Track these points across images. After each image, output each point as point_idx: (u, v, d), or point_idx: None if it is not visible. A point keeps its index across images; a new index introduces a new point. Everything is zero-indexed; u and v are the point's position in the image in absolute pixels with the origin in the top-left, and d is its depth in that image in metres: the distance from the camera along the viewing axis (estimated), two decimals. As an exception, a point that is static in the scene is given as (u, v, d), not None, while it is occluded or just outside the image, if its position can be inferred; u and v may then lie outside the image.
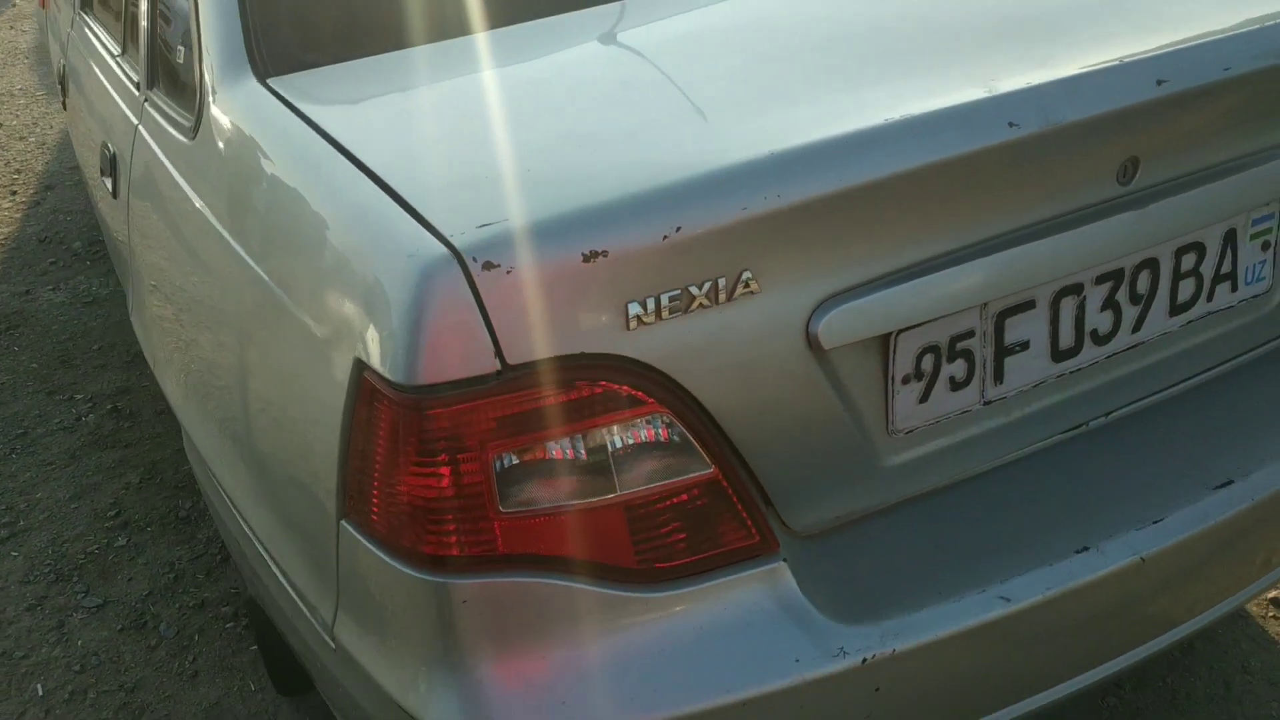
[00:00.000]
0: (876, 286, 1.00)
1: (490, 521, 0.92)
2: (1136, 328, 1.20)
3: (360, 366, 0.92)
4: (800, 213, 0.93)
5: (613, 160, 0.95)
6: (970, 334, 1.09)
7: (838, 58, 1.12)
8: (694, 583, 0.98)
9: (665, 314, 0.92)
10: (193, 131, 1.33)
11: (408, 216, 0.92)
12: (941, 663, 1.03)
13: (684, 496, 0.97)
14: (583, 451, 0.93)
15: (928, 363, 1.07)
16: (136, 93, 1.66)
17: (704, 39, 1.21)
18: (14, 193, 4.29)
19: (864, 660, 0.99)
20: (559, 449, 0.92)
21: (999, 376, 1.13)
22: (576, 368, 0.91)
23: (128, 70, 1.75)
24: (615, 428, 0.93)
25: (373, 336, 0.91)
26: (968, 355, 1.10)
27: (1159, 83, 1.04)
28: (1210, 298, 1.25)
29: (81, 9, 2.31)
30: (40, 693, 1.99)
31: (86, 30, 2.20)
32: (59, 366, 3.06)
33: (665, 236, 0.90)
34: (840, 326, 0.98)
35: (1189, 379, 1.29)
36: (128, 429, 2.74)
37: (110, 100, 1.81)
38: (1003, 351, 1.12)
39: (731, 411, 0.97)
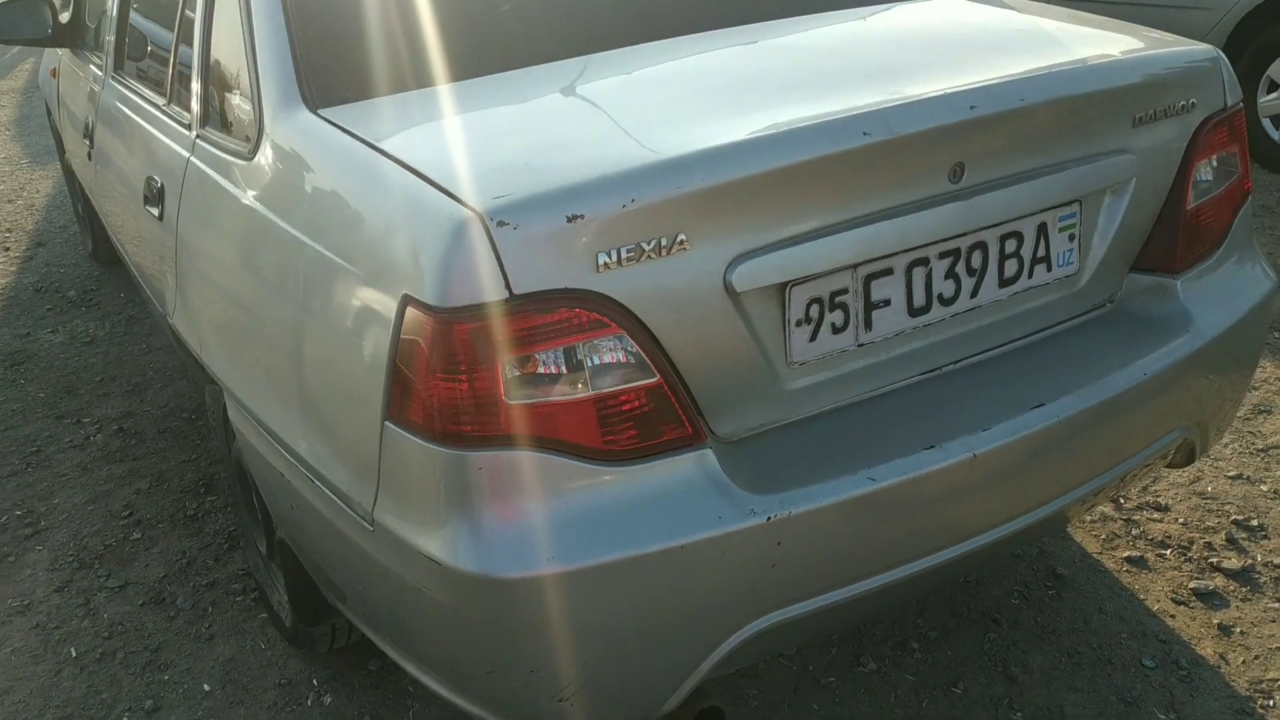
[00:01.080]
0: (773, 249, 1.39)
1: (499, 410, 1.29)
2: (974, 294, 1.60)
3: (406, 300, 1.29)
4: (718, 192, 1.33)
5: (585, 156, 1.34)
6: (845, 290, 1.48)
7: (740, 92, 1.53)
8: (643, 461, 1.34)
9: (624, 262, 1.30)
10: (251, 154, 1.71)
11: (443, 195, 1.30)
12: (827, 525, 1.39)
13: (636, 397, 1.33)
14: (564, 359, 1.30)
15: (814, 311, 1.46)
16: (188, 132, 2.03)
17: (649, 81, 1.62)
18: (6, 249, 4.60)
19: (769, 519, 1.36)
20: (547, 357, 1.29)
21: (869, 325, 1.52)
22: (561, 298, 1.28)
23: (175, 116, 2.12)
24: (587, 343, 1.30)
25: (418, 276, 1.27)
26: (844, 307, 1.49)
27: (971, 107, 1.46)
28: (1030, 275, 1.66)
29: (116, 72, 2.68)
30: (73, 654, 2.28)
31: (121, 89, 2.57)
32: (65, 395, 3.36)
33: (624, 206, 1.29)
34: (747, 276, 1.37)
35: (1019, 339, 1.69)
36: (134, 446, 3.04)
37: (158, 141, 2.18)
38: (870, 306, 1.51)
39: (671, 337, 1.35)
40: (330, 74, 1.69)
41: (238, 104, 1.83)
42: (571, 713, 1.40)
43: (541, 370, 1.30)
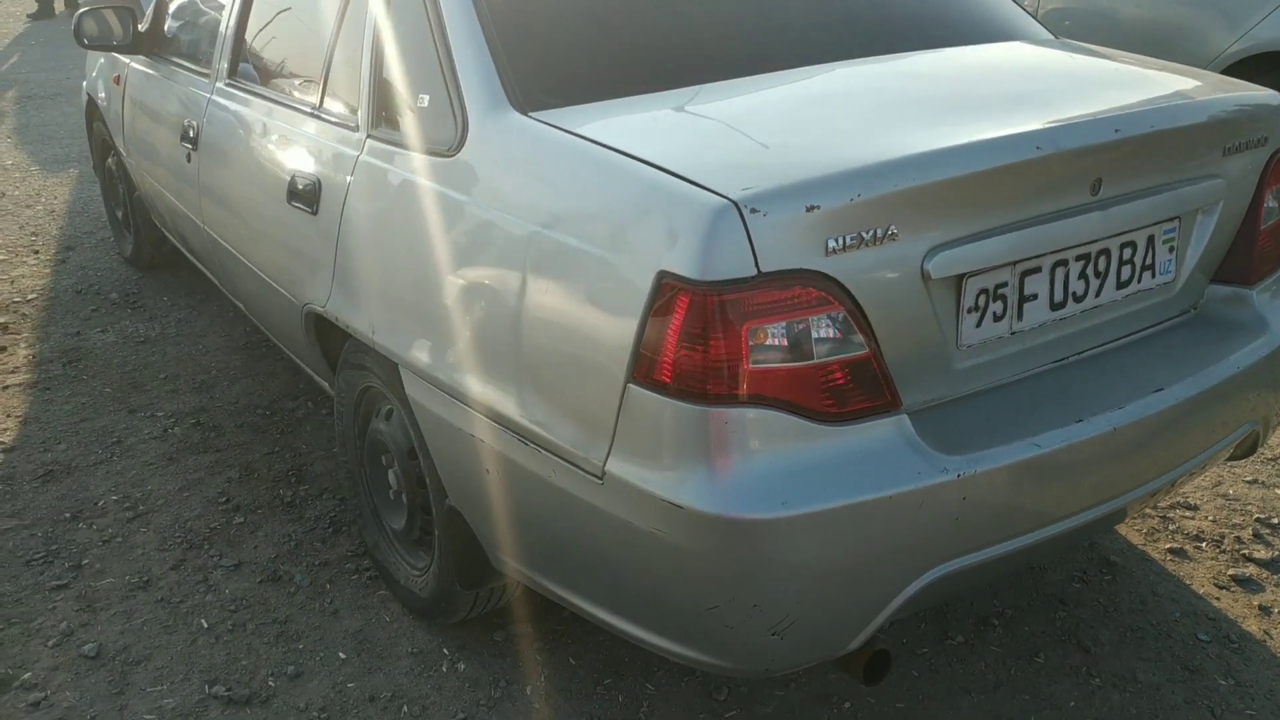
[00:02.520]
0: (960, 243, 1.61)
1: (741, 372, 1.48)
2: (1098, 294, 1.84)
3: (662, 275, 1.48)
4: (923, 192, 1.55)
5: (815, 156, 1.55)
6: (1005, 284, 1.71)
7: (921, 108, 1.76)
8: (854, 422, 1.55)
9: (847, 248, 1.51)
10: (452, 152, 1.88)
11: (695, 186, 1.50)
12: (1001, 483, 1.61)
13: (850, 366, 1.54)
14: (796, 330, 1.50)
15: (982, 300, 1.69)
16: (353, 133, 2.19)
17: (839, 95, 1.85)
18: (36, 252, 4.65)
19: (958, 476, 1.57)
20: (783, 327, 1.49)
21: (1020, 315, 1.75)
22: (796, 277, 1.49)
23: (334, 119, 2.28)
24: (816, 317, 1.51)
25: (677, 254, 1.47)
26: (1004, 299, 1.72)
27: (1115, 130, 1.71)
28: (1139, 280, 1.91)
29: (230, 79, 2.82)
30: (205, 625, 2.39)
31: (242, 94, 2.72)
32: (132, 391, 3.45)
33: (851, 199, 1.50)
34: (941, 266, 1.59)
35: (1126, 336, 1.94)
36: (214, 438, 3.15)
37: (311, 143, 2.33)
38: (1022, 299, 1.74)
39: (877, 316, 1.56)
40: (537, 81, 1.87)
41: (426, 107, 2.00)
42: (780, 647, 1.59)
43: (778, 339, 1.50)
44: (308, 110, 2.41)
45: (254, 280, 2.72)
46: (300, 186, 2.33)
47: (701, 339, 1.48)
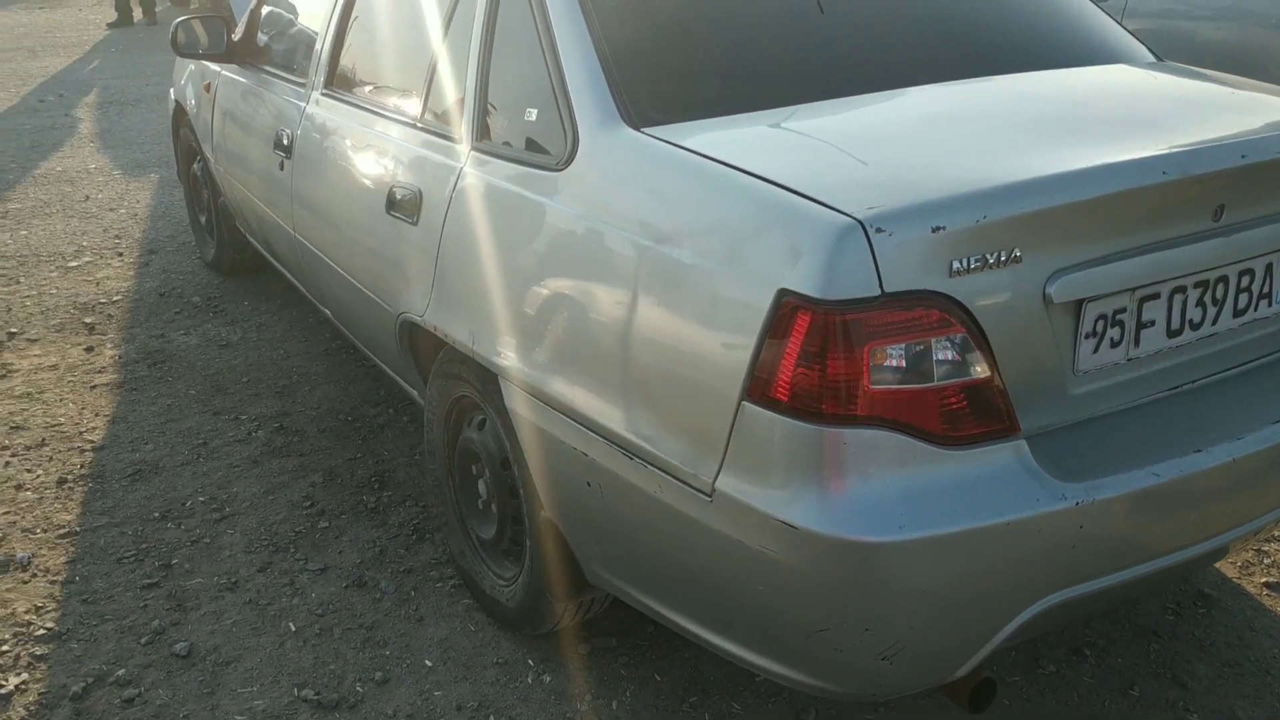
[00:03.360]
0: (1082, 268, 1.59)
1: (860, 392, 1.47)
2: (1214, 321, 1.80)
3: (782, 293, 1.48)
4: (1049, 214, 1.53)
5: (940, 176, 1.54)
6: (1124, 310, 1.68)
7: (1039, 130, 1.74)
8: (972, 446, 1.53)
9: (971, 270, 1.50)
10: (562, 166, 1.89)
11: (819, 205, 1.49)
12: (1119, 512, 1.58)
13: (970, 389, 1.52)
14: (918, 352, 1.49)
15: (1100, 325, 1.66)
16: (456, 145, 2.21)
17: (955, 115, 1.83)
18: (120, 254, 4.74)
19: (1077, 504, 1.54)
20: (905, 348, 1.48)
21: (1137, 342, 1.72)
22: (920, 298, 1.47)
23: (436, 131, 2.31)
24: (938, 339, 1.49)
25: (799, 272, 1.46)
26: (1121, 325, 1.69)
27: (1242, 156, 1.67)
28: (1256, 308, 1.87)
29: (327, 89, 2.87)
30: (293, 629, 2.41)
31: (341, 105, 2.76)
32: (215, 394, 3.50)
33: (977, 221, 1.48)
34: (1062, 290, 1.57)
35: (1241, 365, 1.90)
36: (297, 443, 3.19)
37: (411, 154, 2.36)
38: (1140, 325, 1.71)
39: (997, 339, 1.54)
40: (648, 97, 1.88)
41: (534, 121, 2.01)
42: (889, 672, 1.57)
43: (898, 360, 1.48)
44: (408, 122, 2.43)
45: (346, 288, 2.76)
46: (400, 197, 2.36)
47: (821, 358, 1.47)
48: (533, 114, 2.03)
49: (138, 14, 11.39)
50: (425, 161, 2.31)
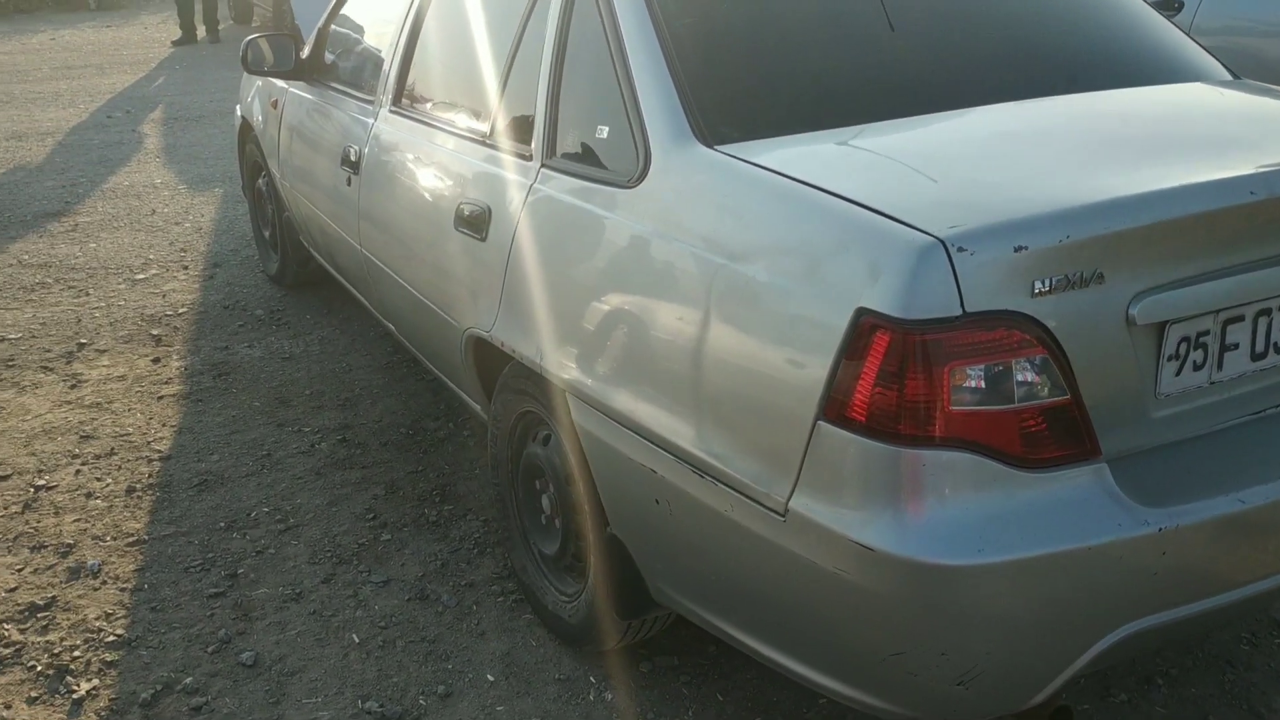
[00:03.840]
0: (1166, 289, 1.56)
1: (940, 413, 1.45)
2: (1301, 344, 1.77)
3: (860, 313, 1.47)
4: (1134, 234, 1.50)
5: (1022, 195, 1.52)
6: (1207, 332, 1.65)
7: (1117, 148, 1.72)
8: (1053, 469, 1.50)
9: (1053, 290, 1.47)
10: (634, 183, 1.90)
11: (899, 224, 1.48)
12: (1203, 538, 1.54)
13: (1051, 412, 1.50)
14: (998, 373, 1.47)
15: (1183, 348, 1.63)
16: (526, 162, 2.23)
17: (1032, 133, 1.81)
18: (185, 267, 4.83)
19: (1160, 530, 1.51)
20: (985, 369, 1.46)
21: (1220, 365, 1.68)
22: (1001, 318, 1.46)
23: (505, 147, 2.33)
24: (1018, 360, 1.47)
25: (877, 291, 1.45)
26: (1204, 347, 1.65)
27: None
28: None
29: (395, 106, 2.90)
30: (356, 640, 2.43)
31: (408, 121, 2.79)
32: (279, 406, 3.54)
33: (1060, 241, 1.46)
34: (1146, 311, 1.54)
35: (1326, 390, 1.85)
36: (359, 455, 3.22)
37: (479, 170, 2.38)
38: (1223, 348, 1.68)
39: (1078, 361, 1.52)
40: (721, 114, 1.88)
41: (605, 138, 2.02)
42: (964, 697, 1.54)
43: (978, 381, 1.46)
44: (477, 138, 2.46)
45: (411, 302, 2.78)
46: (468, 213, 2.38)
47: (900, 378, 1.45)
48: (604, 131, 2.04)
49: (201, 32, 11.63)
50: (494, 178, 2.33)
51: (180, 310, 4.35)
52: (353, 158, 3.05)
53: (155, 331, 4.14)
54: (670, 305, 1.77)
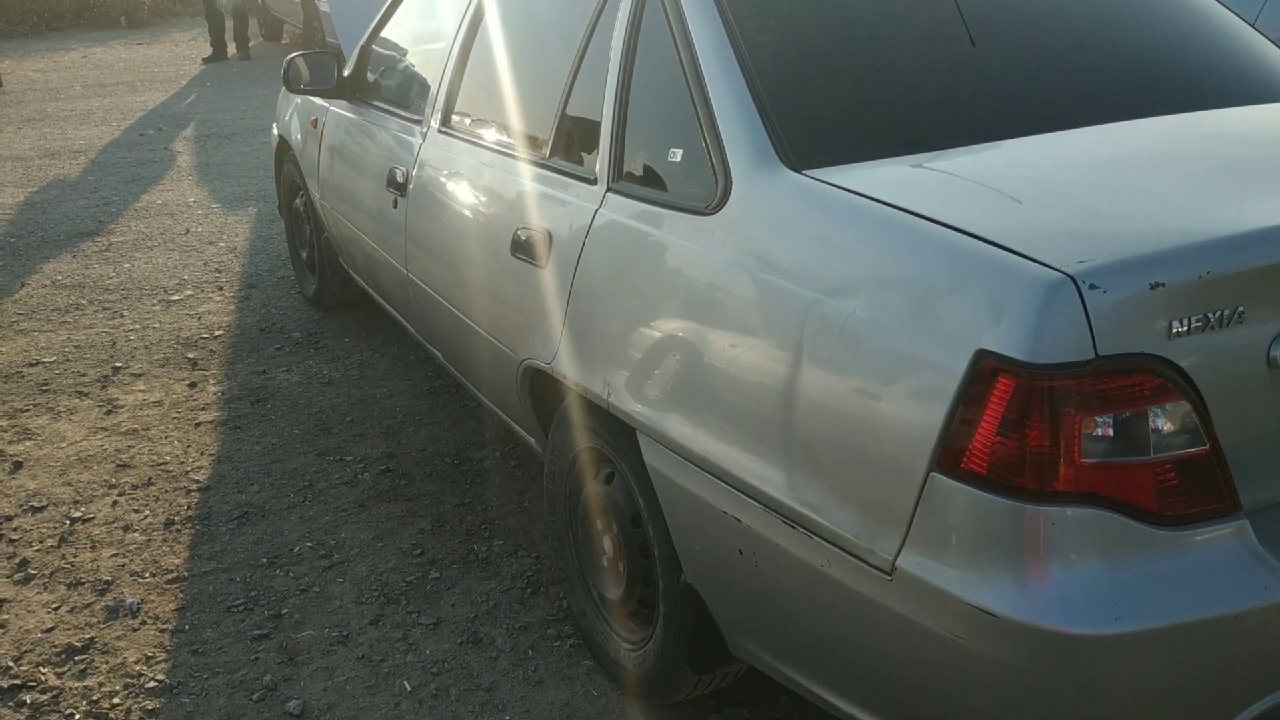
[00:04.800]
0: (1308, 328, 1.43)
1: (1069, 466, 1.32)
2: None
3: (981, 355, 1.34)
4: (1274, 271, 1.37)
5: (1157, 227, 1.39)
6: (1348, 374, 1.51)
7: (1247, 175, 1.59)
8: (1189, 527, 1.37)
9: (1191, 330, 1.34)
10: (712, 209, 1.78)
11: (1021, 258, 1.35)
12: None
13: (1189, 464, 1.36)
14: (1134, 422, 1.33)
15: (1323, 393, 1.49)
16: (590, 186, 2.11)
17: (1148, 158, 1.68)
18: (220, 288, 4.75)
19: (1309, 593, 1.37)
20: (1119, 418, 1.33)
21: (1362, 409, 1.54)
22: (1137, 361, 1.32)
23: (567, 171, 2.21)
24: (1156, 408, 1.34)
25: (999, 332, 1.32)
26: (1346, 390, 1.52)
27: None
28: None
29: (444, 126, 2.80)
30: (408, 688, 2.31)
31: (459, 142, 2.68)
32: (320, 434, 3.44)
33: (1200, 276, 1.33)
34: (1289, 352, 1.41)
35: None
36: (404, 486, 3.10)
37: (538, 194, 2.27)
38: (1365, 391, 1.54)
39: (1216, 406, 1.39)
40: (807, 136, 1.76)
41: (679, 162, 1.91)
42: (1090, 774, 1.40)
43: (1112, 431, 1.33)
44: (535, 160, 2.34)
45: (462, 330, 2.67)
46: (526, 239, 2.26)
47: (1025, 427, 1.32)
48: (677, 154, 1.92)
49: (231, 49, 11.62)
50: (554, 202, 2.22)
51: (216, 333, 4.26)
52: (399, 179, 2.95)
53: (191, 355, 4.05)
54: (757, 341, 1.65)
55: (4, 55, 11.84)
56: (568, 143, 2.26)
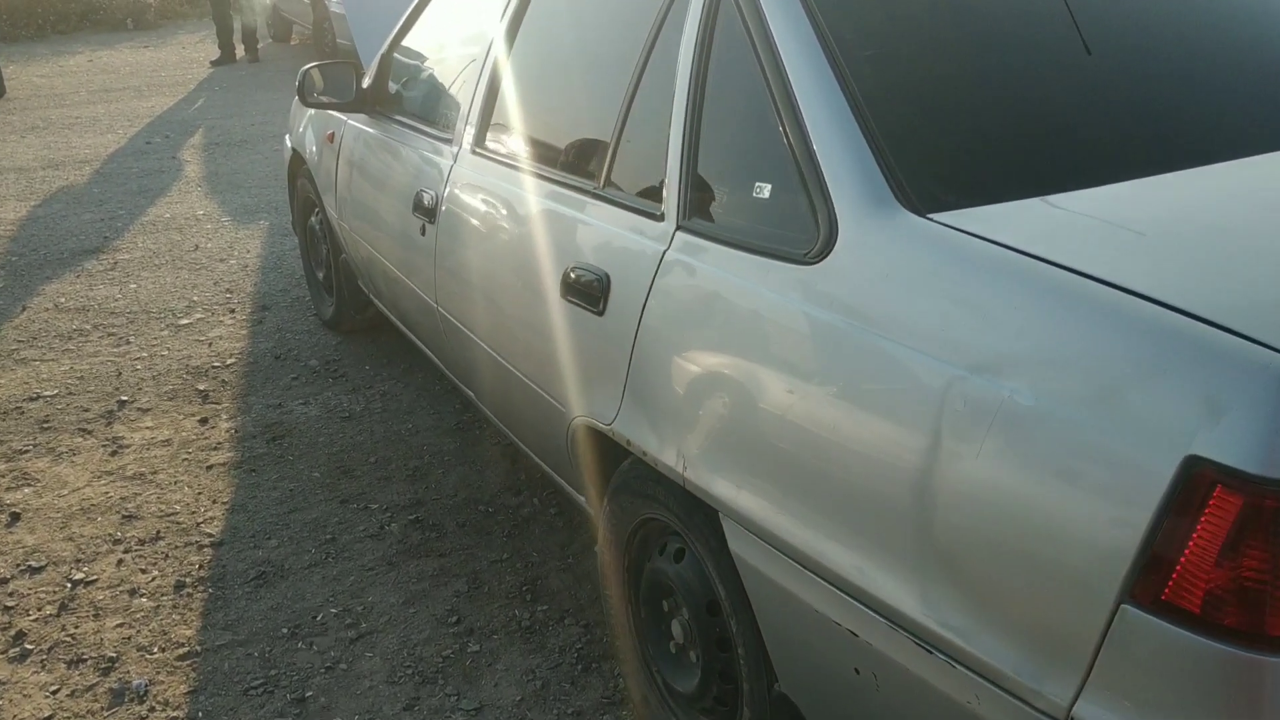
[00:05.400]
0: None
1: (1319, 606, 1.05)
2: None
3: (1192, 462, 1.06)
4: None
5: None
6: None
7: None
8: None
9: None
10: (814, 257, 1.50)
11: (1244, 339, 1.07)
12: None
13: None
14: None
15: None
16: (658, 223, 1.83)
17: None
18: (232, 311, 4.48)
19: None
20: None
21: None
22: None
23: (627, 204, 1.93)
24: None
25: (1219, 435, 1.04)
26: None
27: None
28: None
29: (479, 147, 2.52)
30: (450, 789, 2.04)
31: (499, 166, 2.40)
32: (341, 477, 3.17)
33: None
34: None
35: None
36: (435, 540, 2.83)
37: (593, 228, 1.99)
38: None
39: None
40: (931, 172, 1.48)
41: (766, 199, 1.63)
42: None
43: (1367, 560, 1.05)
44: (589, 190, 2.06)
45: (501, 376, 2.39)
46: (579, 280, 1.98)
47: (1251, 556, 1.04)
48: (764, 189, 1.64)
49: (240, 51, 11.36)
50: (612, 239, 1.94)
51: (228, 361, 3.99)
52: (427, 204, 2.67)
53: (202, 386, 3.79)
54: (876, 421, 1.37)
55: (8, 60, 11.60)
56: (627, 171, 1.98)
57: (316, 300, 4.32)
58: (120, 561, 2.78)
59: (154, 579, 2.70)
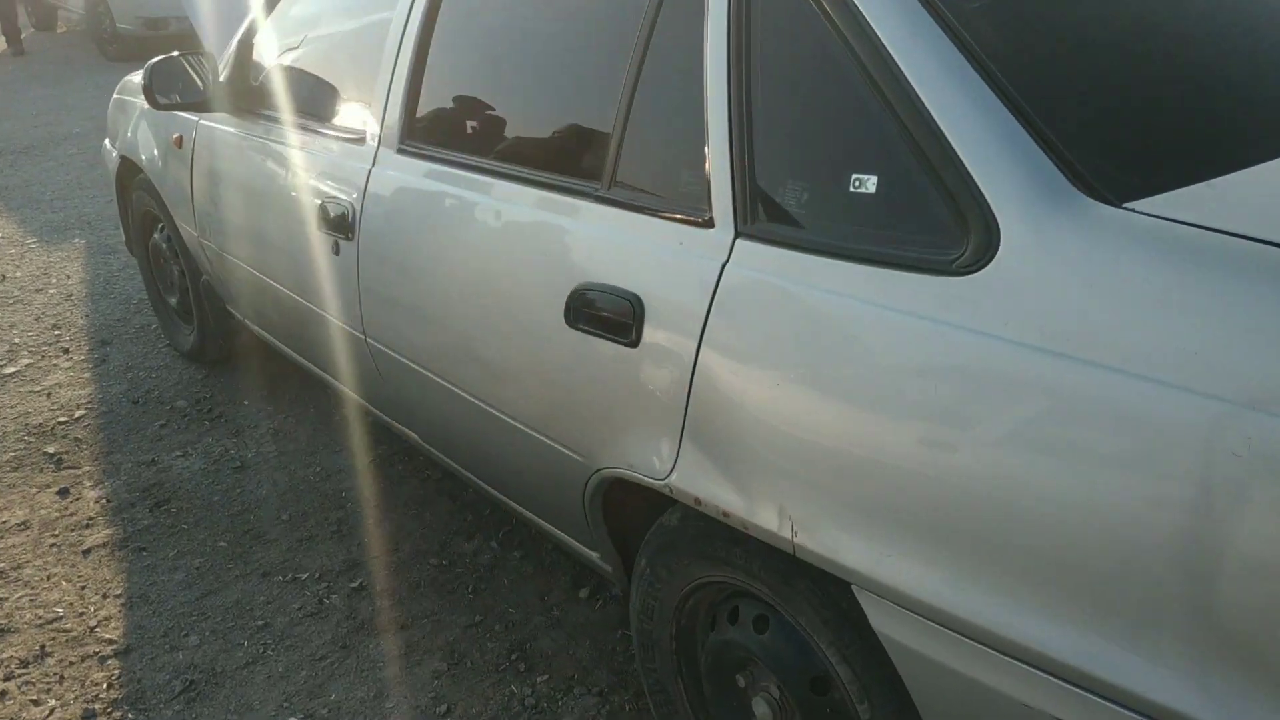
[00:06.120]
0: None
1: None
2: None
3: None
4: None
5: None
6: None
7: None
8: None
9: None
10: (968, 265, 1.19)
11: None
12: None
13: None
14: None
15: None
16: (706, 230, 1.48)
17: None
18: (66, 350, 3.84)
19: None
20: None
21: None
22: None
23: (652, 205, 1.57)
24: None
25: None
26: None
27: None
28: None
29: (407, 143, 2.09)
30: None
31: (453, 169, 1.98)
32: (254, 543, 2.69)
33: None
34: None
35: None
36: (390, 609, 2.42)
37: (607, 239, 1.63)
38: None
39: None
40: (1113, 149, 1.19)
41: (872, 192, 1.31)
42: None
43: None
44: (591, 194, 1.69)
45: (481, 420, 2.00)
46: (596, 304, 1.62)
47: None
48: (866, 182, 1.32)
49: (1, 44, 10.12)
50: (639, 254, 1.58)
51: (77, 413, 3.39)
52: (345, 217, 2.22)
53: (51, 449, 3.19)
54: (1101, 473, 1.08)
55: None
56: (641, 167, 1.62)
57: (169, 329, 3.75)
58: (3, 694, 2.24)
59: (53, 712, 2.19)
